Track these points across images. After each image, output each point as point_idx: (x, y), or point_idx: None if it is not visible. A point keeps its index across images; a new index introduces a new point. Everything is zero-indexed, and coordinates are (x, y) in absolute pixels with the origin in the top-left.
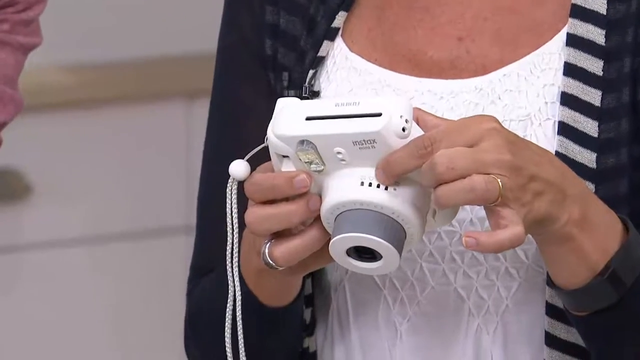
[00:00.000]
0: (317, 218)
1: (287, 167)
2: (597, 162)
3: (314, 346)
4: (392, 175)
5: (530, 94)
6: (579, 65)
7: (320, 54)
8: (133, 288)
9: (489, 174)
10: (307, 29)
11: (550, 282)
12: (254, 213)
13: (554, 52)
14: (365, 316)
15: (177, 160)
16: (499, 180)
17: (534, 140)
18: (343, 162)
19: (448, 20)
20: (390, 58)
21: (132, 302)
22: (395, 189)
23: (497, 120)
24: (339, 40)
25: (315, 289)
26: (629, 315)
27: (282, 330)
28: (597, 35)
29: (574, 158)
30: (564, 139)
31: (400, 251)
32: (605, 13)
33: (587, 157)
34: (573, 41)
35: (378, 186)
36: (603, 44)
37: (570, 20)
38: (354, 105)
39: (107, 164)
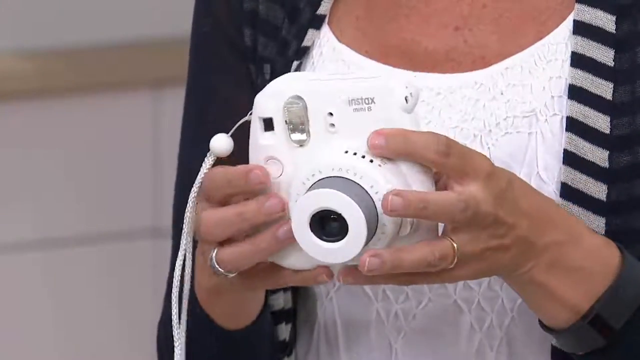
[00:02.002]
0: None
1: (266, 140)
2: (609, 160)
3: None
4: (397, 145)
5: (535, 87)
6: (587, 55)
7: (304, 43)
8: (92, 298)
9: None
10: (289, 16)
11: (540, 323)
12: (205, 218)
13: (560, 41)
14: (356, 332)
15: (142, 156)
16: (455, 245)
17: (539, 139)
18: (331, 130)
19: (443, 7)
20: (381, 49)
21: (89, 315)
22: (380, 165)
23: (491, 164)
24: (325, 29)
25: (297, 303)
26: (626, 356)
27: (247, 354)
28: (607, 21)
29: (584, 156)
30: (573, 136)
31: (367, 235)
32: None
33: (599, 155)
34: (580, 29)
35: (363, 157)
36: (614, 31)
37: (577, 5)
38: (355, 73)
39: (64, 160)
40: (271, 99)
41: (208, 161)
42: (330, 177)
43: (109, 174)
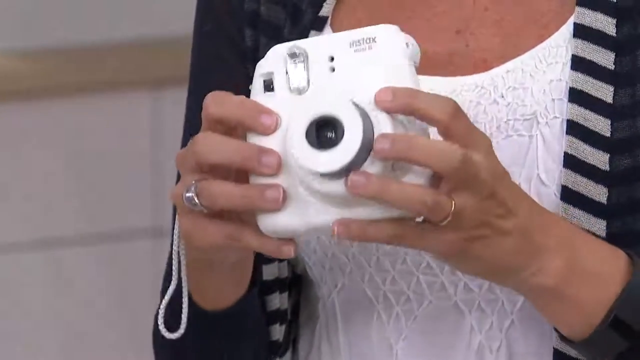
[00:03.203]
0: None
1: (266, 100)
2: (610, 163)
3: None
4: (405, 100)
5: (536, 90)
6: (587, 58)
7: None
8: (90, 298)
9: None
10: (291, 17)
11: (559, 334)
12: (206, 137)
13: (561, 44)
14: (357, 333)
15: (142, 156)
16: (454, 202)
17: (540, 142)
18: (332, 75)
19: (445, 10)
20: None
21: (89, 314)
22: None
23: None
24: (327, 31)
25: (300, 304)
26: None
27: (222, 338)
28: (607, 24)
29: (585, 159)
30: (574, 139)
31: (361, 144)
32: (615, 0)
33: (600, 158)
34: (581, 32)
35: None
36: (614, 34)
37: (578, 8)
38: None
39: (63, 160)
40: (272, 54)
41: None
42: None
43: (108, 173)
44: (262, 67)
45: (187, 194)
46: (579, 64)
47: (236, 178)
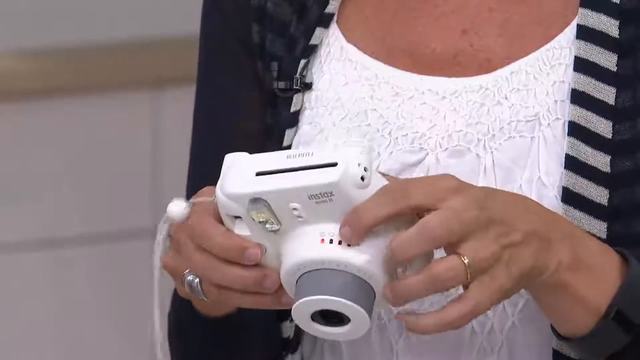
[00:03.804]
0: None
1: (240, 229)
2: (611, 165)
3: None
4: (362, 228)
5: (539, 92)
6: (590, 59)
7: (312, 42)
8: (92, 298)
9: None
10: (298, 14)
11: (556, 333)
12: (197, 259)
13: (565, 46)
14: None
15: (141, 156)
16: (464, 258)
17: (542, 143)
18: (300, 219)
19: (451, 10)
20: (388, 51)
21: (89, 314)
22: (359, 244)
23: (457, 179)
24: (334, 28)
25: None
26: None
27: (231, 342)
28: (610, 26)
29: (586, 161)
30: (575, 140)
31: (369, 313)
32: (618, 2)
33: (601, 160)
34: (584, 33)
35: (340, 242)
36: (617, 36)
37: (581, 10)
38: (307, 157)
39: (63, 160)
40: (233, 201)
41: (164, 228)
42: (317, 269)
43: (108, 173)
44: (226, 209)
45: (192, 283)
46: (581, 65)
47: None
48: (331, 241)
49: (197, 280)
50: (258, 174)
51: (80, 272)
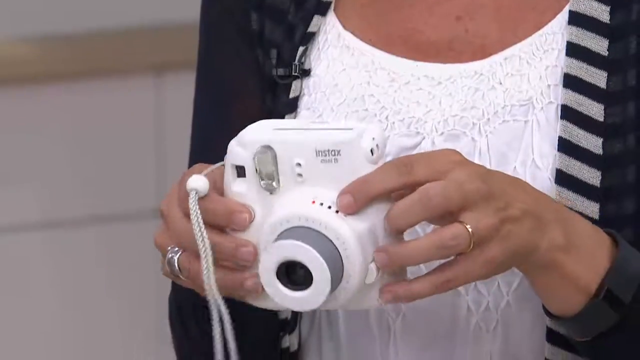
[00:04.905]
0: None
1: (238, 187)
2: (603, 147)
3: (296, 345)
4: (365, 197)
5: (532, 77)
6: (582, 44)
7: (310, 29)
8: (96, 278)
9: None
10: (296, 2)
11: (547, 312)
12: (179, 224)
13: (557, 31)
14: (356, 313)
15: (145, 139)
16: (467, 226)
17: (535, 127)
18: (300, 179)
19: None
20: (384, 38)
21: (95, 294)
22: (345, 216)
23: (460, 154)
24: (331, 15)
25: None
26: (634, 334)
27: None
28: (601, 12)
29: (578, 143)
30: (568, 124)
31: (331, 285)
32: None
33: (593, 142)
34: (576, 19)
35: (329, 207)
36: (608, 21)
37: None
38: (327, 124)
39: (68, 144)
40: (243, 147)
41: (195, 206)
42: (298, 227)
43: (112, 156)
44: (233, 157)
45: (170, 260)
46: (573, 50)
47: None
48: (321, 204)
49: (177, 256)
50: (275, 130)
51: (84, 254)
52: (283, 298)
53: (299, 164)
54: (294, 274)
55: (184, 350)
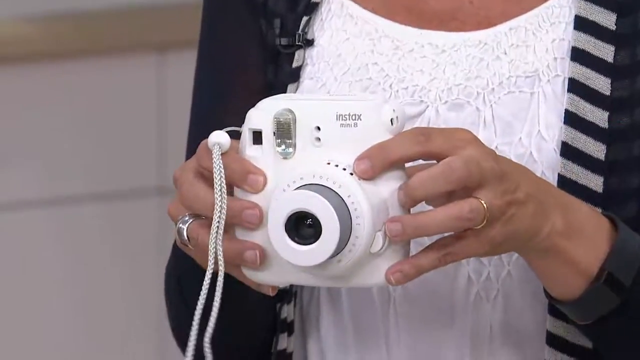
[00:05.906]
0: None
1: (254, 152)
2: (609, 121)
3: (293, 315)
4: (384, 162)
5: (539, 49)
6: (590, 18)
7: None
8: (100, 254)
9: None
10: None
11: (548, 296)
12: (192, 187)
13: (564, 4)
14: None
15: (147, 117)
16: (482, 202)
17: (542, 99)
18: (317, 144)
19: None
20: (388, 6)
21: (97, 271)
22: (359, 179)
23: (472, 133)
24: None
25: None
26: (635, 316)
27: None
28: None
29: (584, 116)
30: (574, 97)
31: (339, 242)
32: None
33: (599, 116)
34: None
35: (344, 169)
36: None
37: None
38: (345, 96)
39: (71, 121)
40: (262, 111)
41: (219, 160)
42: (311, 184)
43: (114, 134)
44: (251, 122)
45: (179, 228)
46: (581, 24)
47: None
48: (337, 166)
49: (186, 226)
50: (295, 99)
51: (86, 232)
52: (287, 251)
53: (318, 128)
54: (302, 230)
55: (180, 319)
